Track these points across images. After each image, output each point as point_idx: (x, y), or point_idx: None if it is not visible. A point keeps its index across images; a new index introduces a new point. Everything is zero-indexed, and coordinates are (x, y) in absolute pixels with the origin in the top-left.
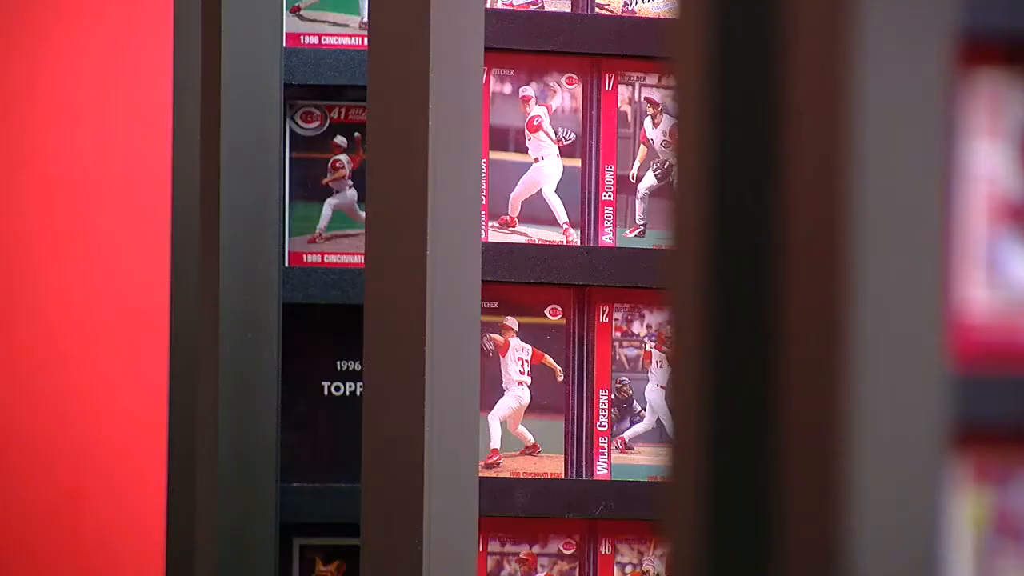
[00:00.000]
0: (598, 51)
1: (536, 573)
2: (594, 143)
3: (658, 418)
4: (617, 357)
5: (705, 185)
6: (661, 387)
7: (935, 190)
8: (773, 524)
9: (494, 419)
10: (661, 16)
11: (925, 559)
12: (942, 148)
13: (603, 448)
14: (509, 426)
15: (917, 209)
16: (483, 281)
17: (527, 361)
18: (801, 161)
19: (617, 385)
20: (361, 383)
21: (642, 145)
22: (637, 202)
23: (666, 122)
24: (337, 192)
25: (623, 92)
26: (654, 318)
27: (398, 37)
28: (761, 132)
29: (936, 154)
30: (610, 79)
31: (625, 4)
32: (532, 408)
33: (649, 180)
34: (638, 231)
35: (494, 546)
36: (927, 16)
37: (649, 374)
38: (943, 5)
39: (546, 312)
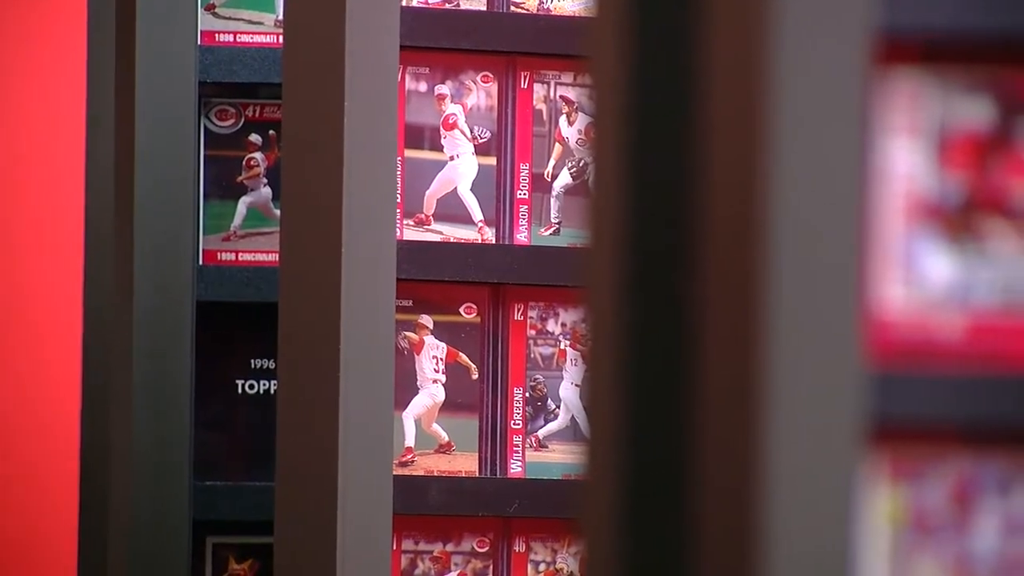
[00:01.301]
0: (514, 49)
1: (450, 571)
2: (509, 141)
3: (572, 416)
4: (532, 355)
5: (621, 183)
6: (576, 385)
7: (853, 189)
8: (688, 522)
9: (408, 417)
10: (577, 14)
11: (841, 556)
12: (860, 147)
13: (517, 446)
14: (423, 424)
15: (835, 207)
16: (398, 279)
17: (441, 359)
18: (719, 159)
19: (531, 383)
20: (275, 381)
21: (557, 143)
22: (552, 200)
23: (581, 120)
24: (252, 190)
25: (538, 90)
26: (569, 316)
27: (313, 35)
28: (678, 131)
29: (854, 153)
30: (525, 77)
31: (540, 2)
32: (446, 406)
33: (564, 178)
34: (553, 229)
35: (408, 544)
36: (845, 15)
37: (564, 372)
38: (861, 4)
39: (461, 310)
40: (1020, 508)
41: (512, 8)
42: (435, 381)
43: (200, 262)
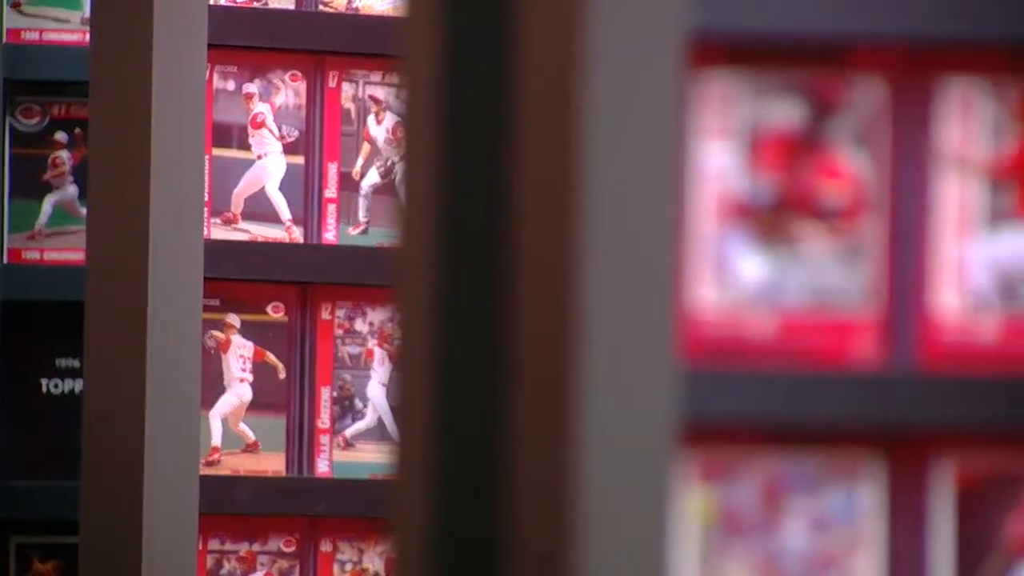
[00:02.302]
0: (322, 48)
1: (256, 571)
2: (318, 140)
3: (380, 416)
4: (339, 355)
5: (432, 182)
6: (383, 385)
7: (666, 189)
8: (500, 522)
9: (215, 417)
10: (385, 14)
11: (653, 556)
12: (673, 148)
13: (324, 446)
14: (230, 424)
15: (648, 208)
16: (205, 278)
17: (249, 359)
18: (532, 159)
19: (339, 383)
20: (81, 381)
21: (366, 143)
22: (360, 200)
23: (390, 119)
24: (58, 188)
25: (347, 89)
26: (377, 316)
27: (121, 33)
28: (491, 131)
29: (667, 153)
30: (334, 76)
31: (349, 1)
32: (253, 406)
33: (373, 178)
34: (362, 229)
35: (214, 544)
36: (658, 16)
37: (372, 372)
38: (673, 6)
39: (268, 309)
40: (828, 507)
41: (320, 7)
42: (242, 380)
43: (4, 261)
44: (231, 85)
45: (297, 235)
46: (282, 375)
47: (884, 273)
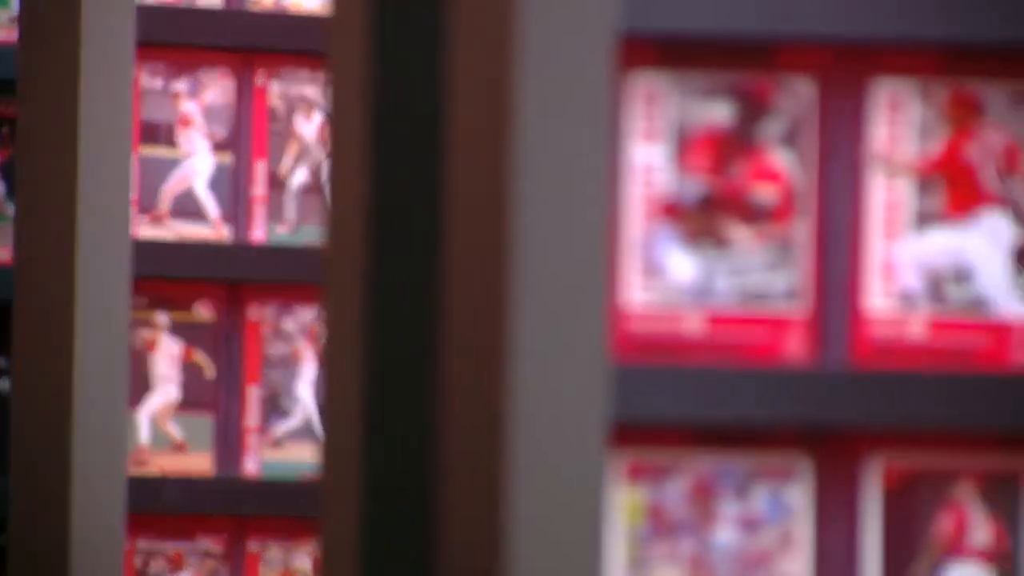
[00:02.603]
0: (251, 47)
1: (184, 571)
2: (246, 139)
3: (309, 416)
4: (268, 354)
5: (360, 181)
6: (312, 384)
7: (596, 190)
8: (429, 523)
9: (143, 416)
10: (314, 12)
11: (584, 555)
12: (603, 148)
13: (252, 446)
14: (158, 423)
15: (579, 208)
16: (133, 277)
17: (177, 358)
18: (463, 159)
19: (267, 382)
20: (8, 380)
21: (294, 141)
22: (289, 198)
23: (318, 118)
24: None
25: (276, 88)
26: (305, 315)
27: (49, 31)
28: (420, 130)
29: (597, 154)
30: (263, 75)
31: (277, 0)
32: (181, 405)
33: (301, 176)
34: (290, 227)
35: (142, 544)
36: (588, 17)
37: (300, 371)
38: (603, 8)
39: (196, 309)
40: (757, 506)
41: (249, 5)
42: (170, 380)
43: None
44: (159, 83)
45: (225, 234)
46: (210, 374)
47: (813, 272)
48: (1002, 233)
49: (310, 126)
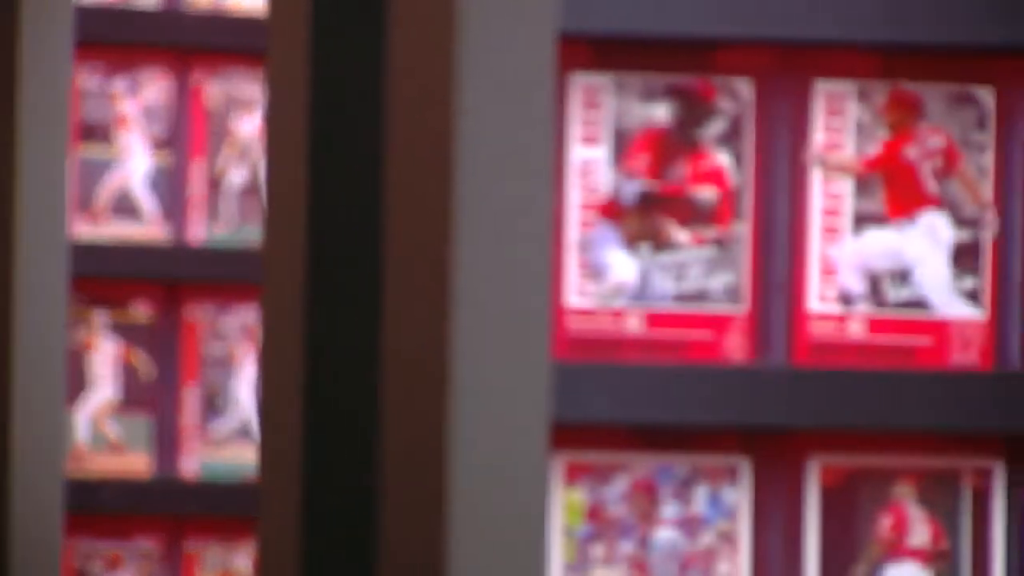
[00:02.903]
0: (189, 47)
1: (121, 571)
2: (184, 139)
3: (247, 416)
4: (206, 354)
5: (298, 181)
6: (250, 384)
7: (539, 190)
8: (370, 524)
9: (80, 416)
10: (253, 12)
11: (524, 556)
12: (545, 149)
13: (190, 446)
14: (96, 423)
15: (519, 208)
16: (71, 277)
17: (114, 358)
18: (402, 159)
19: (205, 382)
20: None
21: (232, 141)
22: (227, 199)
23: (256, 118)
24: None
25: (214, 88)
26: (243, 315)
27: None
28: (359, 131)
29: (540, 155)
30: (200, 75)
31: (216, 1)
32: (119, 405)
33: (238, 176)
34: (227, 227)
35: (79, 544)
36: (528, 19)
37: (238, 371)
38: (543, 9)
39: (134, 309)
40: (697, 507)
41: (187, 6)
42: (108, 380)
43: None
44: (97, 83)
45: (163, 234)
46: (148, 375)
47: (753, 273)
48: (940, 233)
49: (248, 126)
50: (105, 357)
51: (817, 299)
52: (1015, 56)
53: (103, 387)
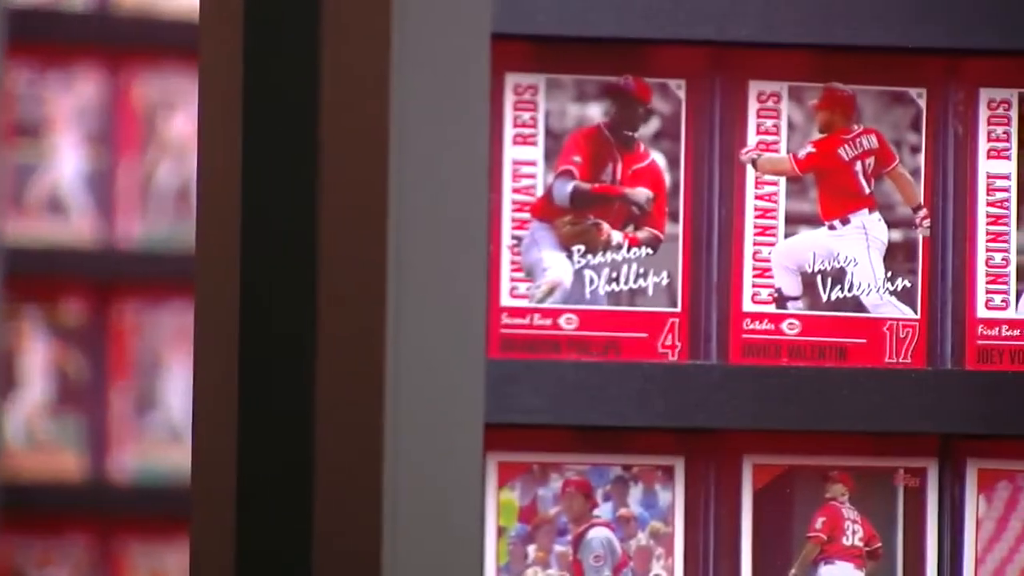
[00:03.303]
0: (121, 46)
1: (53, 571)
2: (117, 138)
3: (179, 416)
4: (137, 354)
5: (232, 180)
6: (183, 385)
7: (474, 191)
8: (305, 523)
9: (11, 417)
10: (184, 12)
11: (460, 555)
12: (481, 149)
13: (121, 446)
14: (26, 423)
15: (453, 208)
16: (1, 277)
17: (47, 358)
18: (337, 158)
19: (137, 382)
20: None
21: (165, 141)
22: (159, 198)
23: (192, 118)
24: None
25: (146, 87)
26: (176, 315)
27: None
28: (294, 131)
29: (475, 155)
30: (132, 74)
31: (148, 1)
32: (50, 405)
33: (173, 177)
34: (160, 227)
35: (11, 544)
36: (464, 20)
37: (170, 371)
38: (479, 10)
39: (65, 308)
40: (632, 507)
41: (118, 6)
42: (39, 380)
43: None
44: (28, 83)
45: (94, 233)
46: (79, 375)
47: (687, 273)
48: (874, 233)
49: (180, 125)
50: (36, 357)
51: (751, 299)
52: (948, 57)
53: (34, 387)
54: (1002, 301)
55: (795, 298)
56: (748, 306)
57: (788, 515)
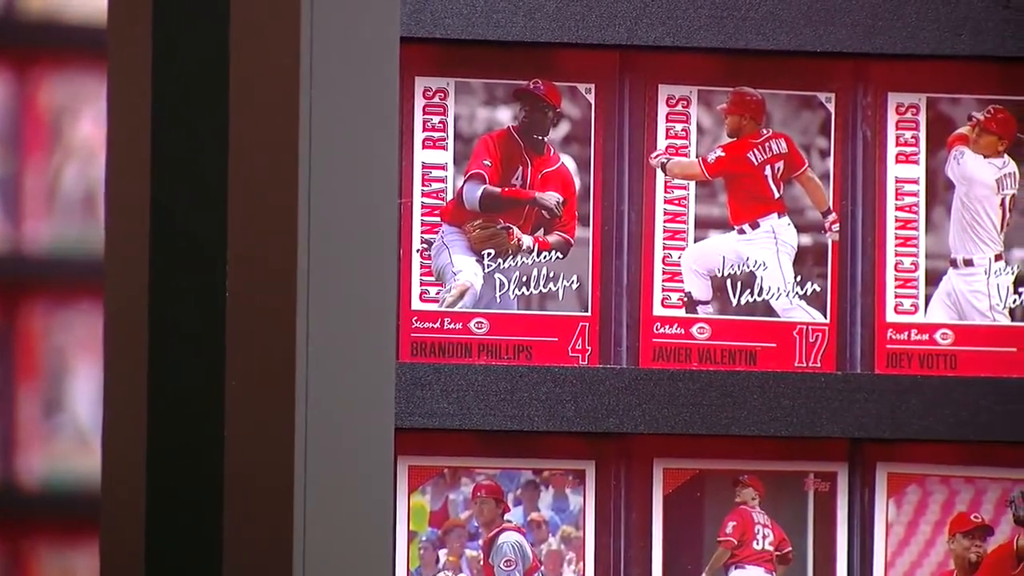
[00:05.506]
0: (27, 48)
1: None
2: (21, 142)
3: (87, 421)
4: (45, 358)
5: (141, 182)
6: (93, 389)
7: (383, 195)
8: (216, 527)
9: None
10: (92, 14)
11: (371, 560)
12: (390, 154)
13: (28, 450)
14: None
15: (365, 213)
16: None
17: None
18: (247, 164)
19: (44, 386)
20: None
21: (74, 145)
22: (68, 202)
23: (99, 120)
24: None
25: (53, 90)
26: (84, 318)
27: None
28: (204, 133)
29: (385, 159)
30: (39, 77)
31: (52, 2)
32: None
33: (81, 178)
34: (68, 231)
35: None
36: (373, 24)
37: (78, 376)
38: (388, 15)
39: None
40: (541, 511)
41: (25, 7)
42: None
43: None
44: None
45: (0, 237)
46: None
47: (597, 277)
48: (783, 237)
49: (87, 128)
50: None
51: (661, 304)
52: (856, 61)
53: None
54: (911, 305)
55: (705, 302)
56: (658, 310)
57: (699, 519)
